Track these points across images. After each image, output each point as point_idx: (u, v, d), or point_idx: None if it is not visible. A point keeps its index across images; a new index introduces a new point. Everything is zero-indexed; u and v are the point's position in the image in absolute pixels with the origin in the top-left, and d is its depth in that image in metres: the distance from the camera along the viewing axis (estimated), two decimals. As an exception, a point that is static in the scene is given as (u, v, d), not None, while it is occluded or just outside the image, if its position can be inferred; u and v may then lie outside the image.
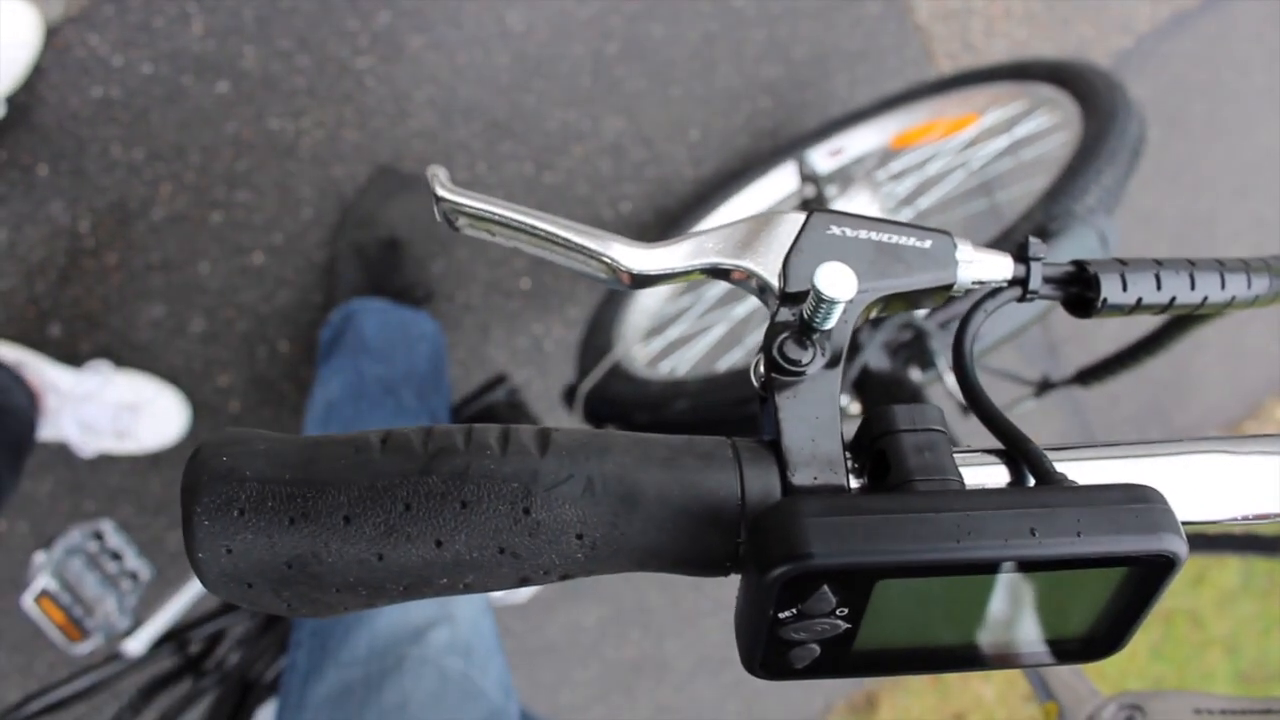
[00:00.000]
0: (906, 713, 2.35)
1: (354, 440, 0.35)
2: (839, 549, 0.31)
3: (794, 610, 0.33)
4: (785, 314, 0.39)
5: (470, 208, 0.39)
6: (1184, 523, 0.39)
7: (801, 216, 0.40)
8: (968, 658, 0.37)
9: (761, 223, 0.41)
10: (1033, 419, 2.23)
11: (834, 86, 1.87)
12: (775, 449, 0.37)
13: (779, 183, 1.68)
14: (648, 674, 2.05)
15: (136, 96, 1.49)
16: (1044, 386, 1.06)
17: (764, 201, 1.69)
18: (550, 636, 1.95)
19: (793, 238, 0.40)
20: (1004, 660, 0.37)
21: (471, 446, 0.35)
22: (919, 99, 1.59)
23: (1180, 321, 0.86)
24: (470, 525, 0.34)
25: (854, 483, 0.37)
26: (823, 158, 1.64)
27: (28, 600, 1.04)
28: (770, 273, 0.40)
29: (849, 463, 0.37)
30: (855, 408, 1.02)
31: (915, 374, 1.04)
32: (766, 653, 0.35)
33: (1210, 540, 0.86)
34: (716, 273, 0.41)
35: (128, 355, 1.53)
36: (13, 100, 1.43)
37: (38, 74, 1.44)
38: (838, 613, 0.33)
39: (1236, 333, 2.43)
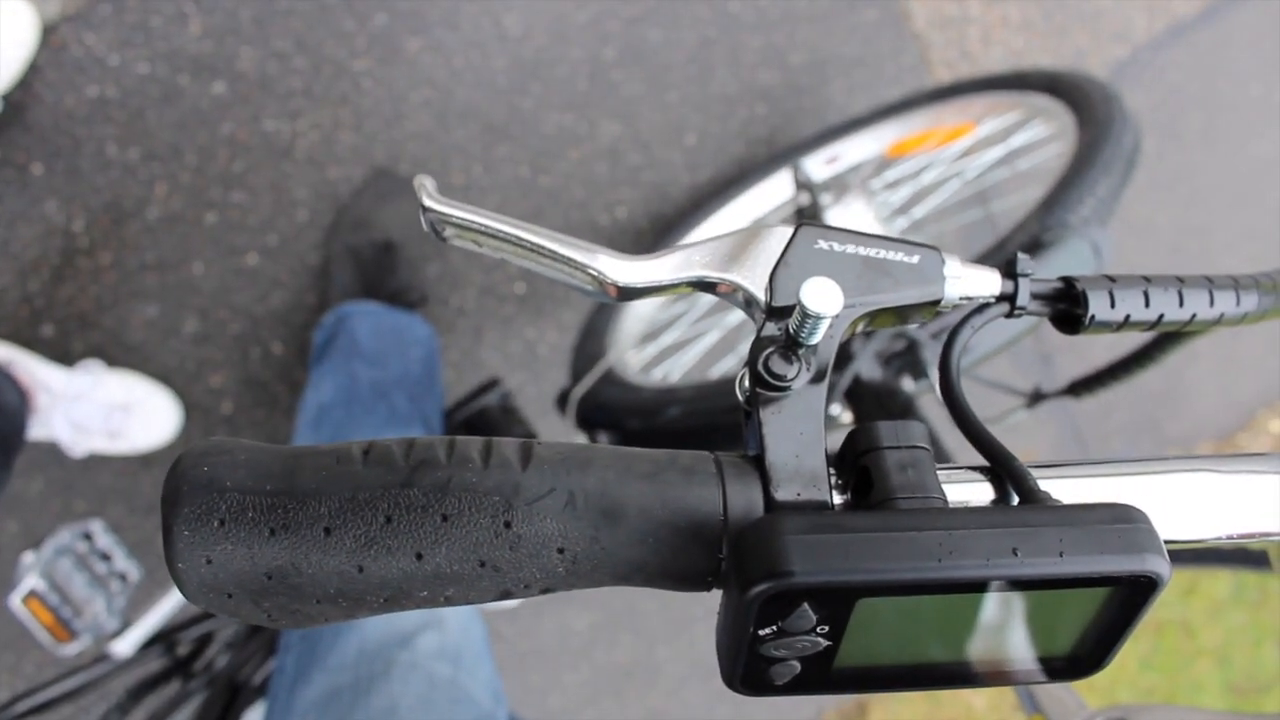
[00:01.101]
0: (896, 719, 2.35)
1: (336, 451, 0.35)
2: (819, 567, 0.31)
3: (774, 627, 0.32)
4: (771, 328, 0.39)
5: (457, 218, 0.39)
6: (1168, 542, 0.39)
7: (789, 231, 0.40)
8: (950, 675, 0.37)
9: (749, 236, 0.41)
10: (1025, 429, 2.24)
11: (831, 94, 1.88)
12: (759, 464, 0.37)
13: (774, 190, 1.68)
14: (638, 679, 2.05)
15: (132, 96, 1.49)
16: (1036, 397, 1.06)
17: (759, 208, 1.69)
18: (540, 640, 1.95)
19: (780, 252, 0.40)
20: (987, 678, 0.37)
21: (453, 459, 0.35)
22: (915, 107, 1.59)
23: (1171, 335, 0.86)
24: (451, 538, 0.34)
25: (837, 499, 0.37)
26: (818, 165, 1.64)
27: (15, 600, 1.04)
28: (757, 287, 0.40)
29: (833, 478, 0.37)
30: (847, 417, 1.02)
31: (908, 384, 1.04)
32: (747, 669, 0.35)
33: (1198, 554, 0.86)
34: (703, 286, 0.41)
35: (120, 355, 1.53)
36: (8, 98, 1.43)
37: (34, 72, 1.44)
38: (818, 630, 0.33)
39: (1230, 345, 2.43)
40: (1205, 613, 2.56)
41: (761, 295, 0.40)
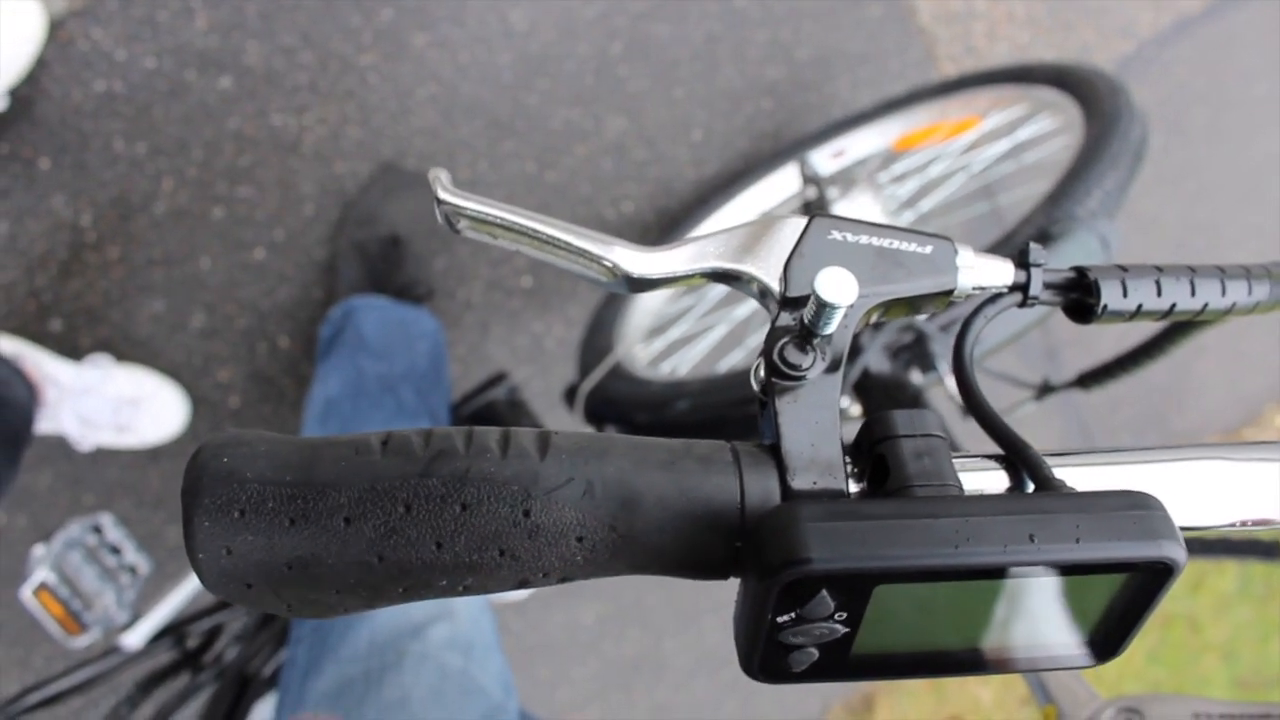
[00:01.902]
0: (904, 715, 2.35)
1: (354, 442, 0.35)
2: (838, 554, 0.31)
3: (792, 614, 0.33)
4: (786, 319, 0.39)
5: (472, 210, 0.39)
6: (1182, 529, 0.39)
7: (803, 221, 0.40)
8: (966, 662, 0.37)
9: (763, 227, 0.41)
10: (1032, 422, 2.23)
11: (836, 89, 1.87)
12: (775, 453, 0.37)
13: (781, 184, 1.68)
14: (646, 672, 2.05)
15: (139, 91, 1.49)
16: (1044, 390, 1.06)
17: (766, 203, 1.69)
18: (549, 634, 1.95)
19: (794, 242, 0.40)
20: (1003, 665, 0.37)
21: (472, 449, 0.35)
22: (921, 101, 1.59)
23: (1181, 327, 0.86)
24: (470, 527, 0.34)
25: (853, 487, 0.37)
26: (825, 159, 1.64)
27: (26, 593, 1.04)
28: (771, 277, 0.40)
29: (849, 467, 0.38)
30: (856, 410, 1.02)
31: (916, 376, 1.04)
32: (765, 656, 0.35)
33: (1208, 545, 0.86)
34: (717, 277, 0.41)
35: (128, 349, 1.53)
36: (16, 93, 1.43)
37: (41, 67, 1.44)
38: (836, 617, 0.33)
39: (1237, 339, 2.43)
40: (1212, 608, 2.56)
41: (776, 286, 0.40)
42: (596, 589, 1.96)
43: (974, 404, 0.40)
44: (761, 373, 0.39)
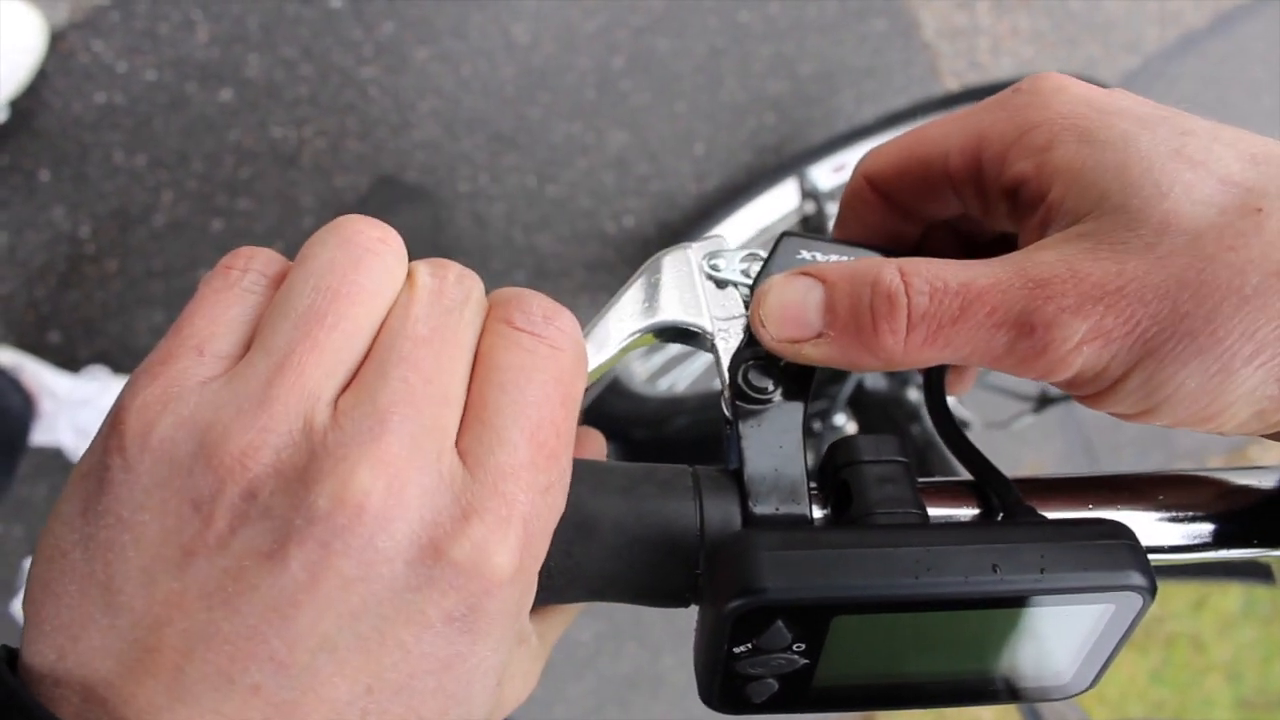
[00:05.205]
0: (905, 733, 2.33)
1: None
2: (793, 584, 0.30)
3: (749, 645, 0.32)
4: (752, 340, 0.38)
5: None
6: (1159, 557, 0.38)
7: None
8: (933, 693, 0.36)
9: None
10: (1033, 441, 2.22)
11: (840, 103, 1.87)
12: (737, 478, 0.36)
13: (781, 199, 1.67)
14: (643, 689, 2.04)
15: (140, 103, 1.49)
16: (1042, 402, 1.05)
17: (764, 218, 1.68)
18: (546, 650, 1.94)
19: (761, 262, 0.39)
20: (971, 696, 0.36)
21: None
22: (925, 116, 1.58)
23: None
24: None
25: (818, 512, 0.36)
26: (826, 174, 1.63)
27: (18, 607, 1.04)
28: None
29: (814, 492, 0.37)
30: (852, 427, 1.01)
31: (912, 393, 1.03)
32: (723, 687, 0.34)
33: (1203, 566, 0.85)
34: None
35: (126, 361, 1.53)
36: (16, 105, 1.43)
37: (41, 79, 1.45)
38: (794, 648, 0.32)
39: (1244, 355, 2.41)
40: (1216, 627, 2.54)
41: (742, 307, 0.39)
42: (593, 605, 1.95)
43: (944, 426, 0.40)
44: (727, 395, 0.38)
